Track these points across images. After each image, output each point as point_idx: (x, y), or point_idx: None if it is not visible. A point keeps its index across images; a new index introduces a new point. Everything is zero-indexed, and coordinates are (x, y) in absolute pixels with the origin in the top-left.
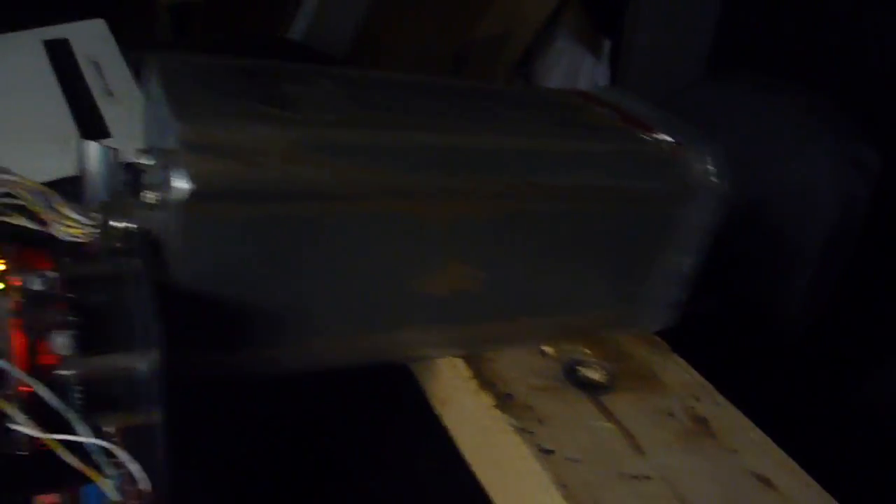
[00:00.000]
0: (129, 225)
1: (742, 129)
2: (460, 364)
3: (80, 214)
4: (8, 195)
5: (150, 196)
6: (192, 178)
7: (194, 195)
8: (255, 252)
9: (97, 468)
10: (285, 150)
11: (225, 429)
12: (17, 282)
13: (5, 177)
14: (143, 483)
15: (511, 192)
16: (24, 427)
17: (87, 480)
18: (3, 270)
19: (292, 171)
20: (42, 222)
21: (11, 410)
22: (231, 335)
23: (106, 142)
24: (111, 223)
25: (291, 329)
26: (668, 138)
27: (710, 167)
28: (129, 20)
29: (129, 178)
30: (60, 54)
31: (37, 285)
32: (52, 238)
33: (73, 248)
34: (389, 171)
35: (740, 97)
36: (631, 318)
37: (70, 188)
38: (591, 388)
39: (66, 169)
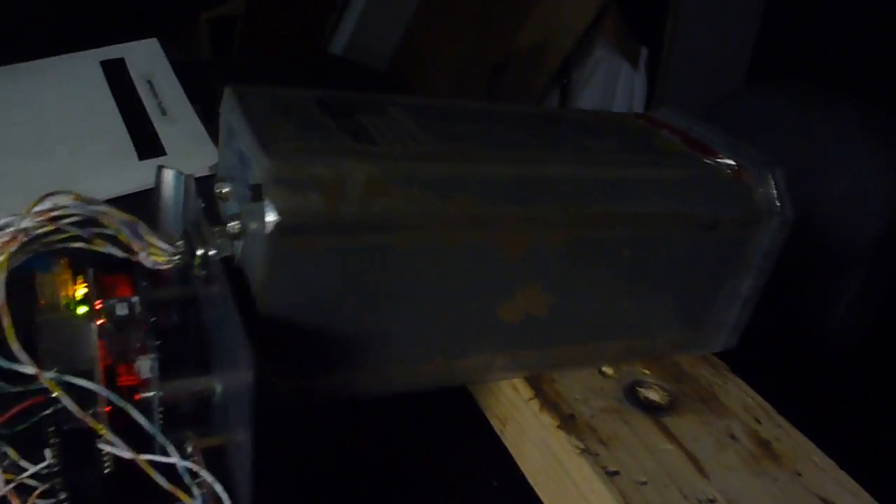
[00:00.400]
0: (212, 252)
1: (788, 139)
2: (521, 385)
3: (164, 242)
4: (96, 224)
5: (232, 226)
6: (280, 211)
7: (281, 228)
8: (337, 281)
9: (184, 488)
10: (368, 183)
11: (292, 448)
12: (99, 306)
13: (96, 207)
14: (226, 502)
15: (584, 221)
16: (116, 447)
17: (172, 500)
18: (86, 294)
19: (375, 204)
20: (129, 250)
21: (104, 431)
22: (312, 361)
23: (161, 160)
24: (197, 251)
25: (370, 355)
26: (732, 162)
27: (774, 191)
28: (168, 35)
29: (206, 206)
30: (116, 74)
31: (121, 310)
32: (128, 264)
33: (149, 274)
34: (468, 203)
35: (785, 105)
36: (694, 341)
37: (127, 205)
38: (651, 410)
39: (125, 187)
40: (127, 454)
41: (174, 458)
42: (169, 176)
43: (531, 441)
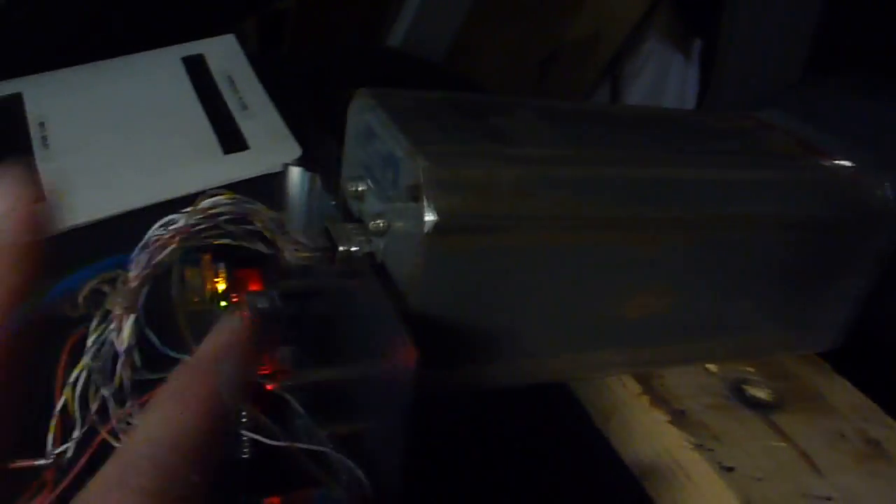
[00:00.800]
0: (354, 249)
1: (855, 130)
2: (628, 380)
3: (306, 239)
4: (245, 221)
5: (376, 224)
6: (438, 212)
7: (438, 228)
8: (481, 278)
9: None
10: (516, 185)
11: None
12: (239, 299)
13: (250, 206)
14: (368, 490)
15: (710, 222)
16: (268, 435)
17: (314, 485)
18: (225, 289)
19: (522, 206)
20: (273, 246)
21: (263, 418)
22: (452, 353)
23: (243, 154)
24: (339, 247)
25: (503, 349)
26: (848, 163)
27: (889, 192)
28: (215, 32)
29: (335, 204)
30: (197, 70)
31: (262, 303)
32: (257, 260)
33: (282, 270)
34: (606, 204)
35: (848, 96)
36: (801, 340)
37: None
38: (760, 407)
39: (211, 181)
40: (281, 442)
41: (326, 447)
42: (295, 174)
43: (639, 435)
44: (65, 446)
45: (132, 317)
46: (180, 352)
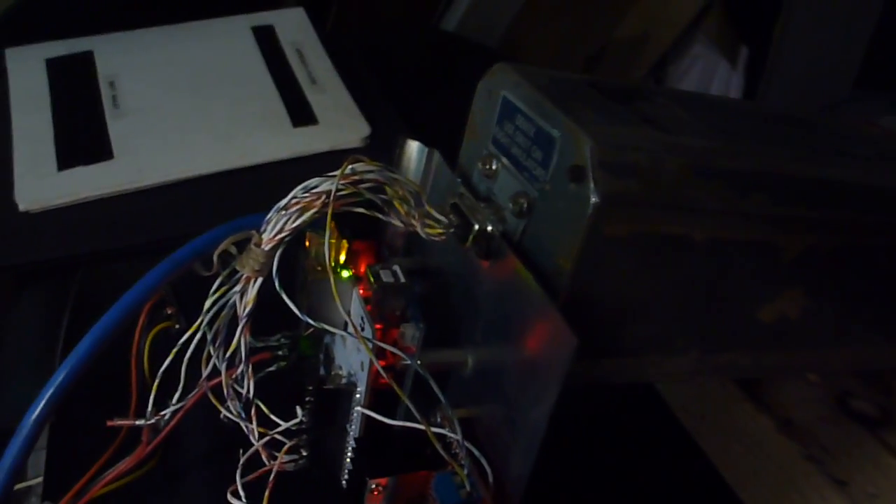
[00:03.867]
0: (489, 228)
1: None
2: (731, 385)
3: (440, 214)
4: (382, 191)
5: (518, 204)
6: (603, 195)
7: (600, 212)
8: (632, 267)
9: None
10: (679, 173)
11: None
12: (360, 272)
13: (391, 174)
14: (490, 476)
15: (860, 227)
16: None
17: (430, 468)
18: (346, 260)
19: (683, 195)
20: (404, 220)
21: (404, 397)
22: (593, 344)
23: (312, 128)
24: (474, 225)
25: (638, 342)
26: None
27: None
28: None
29: (461, 181)
30: (267, 40)
31: (386, 276)
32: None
33: (394, 245)
34: (764, 200)
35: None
36: None
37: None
38: (866, 422)
39: (280, 152)
40: (420, 425)
41: (456, 433)
42: (413, 148)
43: (739, 442)
44: (167, 410)
45: (259, 280)
46: (299, 321)
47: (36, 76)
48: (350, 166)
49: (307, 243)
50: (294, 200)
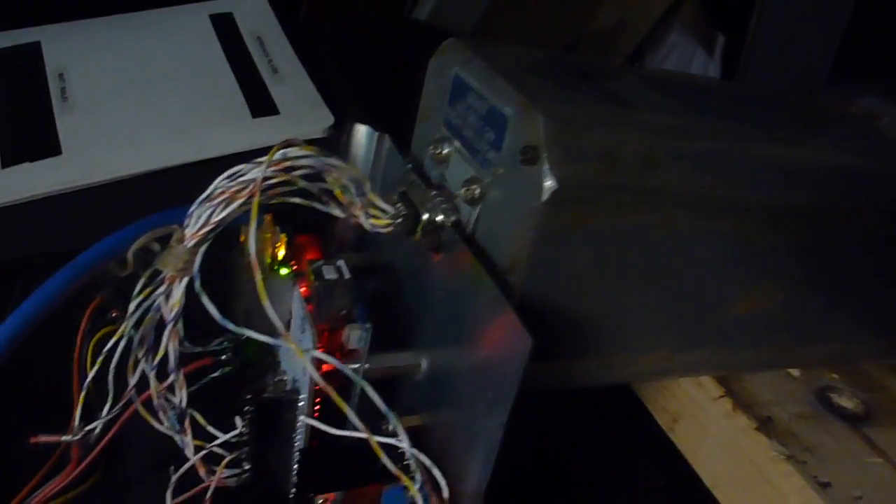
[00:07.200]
0: (439, 218)
1: None
2: (708, 382)
3: (386, 204)
4: (319, 179)
5: (470, 190)
6: (559, 178)
7: (556, 197)
8: (592, 260)
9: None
10: (644, 154)
11: None
12: (302, 268)
13: (330, 161)
14: (445, 490)
15: (838, 212)
16: (353, 428)
17: (379, 482)
18: (286, 256)
19: (648, 178)
20: (345, 210)
21: (346, 409)
22: (550, 344)
23: (273, 119)
24: (422, 216)
25: (602, 342)
26: None
27: None
28: None
29: (410, 168)
30: (226, 29)
31: (328, 273)
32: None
33: (342, 239)
34: (736, 184)
35: (876, 102)
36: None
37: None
38: (848, 419)
39: (239, 145)
40: (362, 434)
41: (404, 444)
42: (361, 133)
43: (716, 441)
44: (94, 423)
45: (185, 280)
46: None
47: None
48: (280, 151)
49: (241, 238)
50: (219, 190)
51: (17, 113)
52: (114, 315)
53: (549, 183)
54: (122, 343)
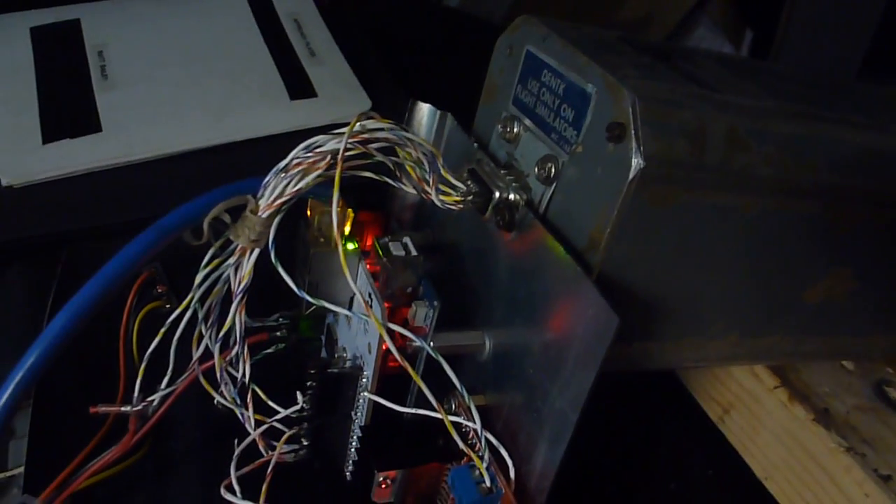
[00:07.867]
0: (512, 197)
1: None
2: (763, 372)
3: (458, 181)
4: (394, 153)
5: (545, 169)
6: (647, 157)
7: (644, 175)
8: (673, 241)
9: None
10: (730, 135)
11: None
12: (368, 245)
13: (406, 134)
14: (511, 470)
15: None
16: (418, 406)
17: (445, 461)
18: (351, 232)
19: (735, 160)
20: (418, 187)
21: (420, 383)
22: (635, 326)
23: (311, 101)
24: (494, 194)
25: (675, 325)
26: None
27: None
28: None
29: (477, 147)
30: (263, 10)
31: (396, 249)
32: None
33: (401, 216)
34: (820, 168)
35: None
36: None
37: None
38: None
39: (277, 126)
40: (437, 413)
41: (475, 423)
42: (423, 111)
43: (771, 432)
44: (154, 395)
45: (255, 252)
46: (299, 300)
47: (20, 45)
48: (359, 122)
49: (308, 212)
50: (296, 161)
51: (57, 90)
52: (159, 290)
53: (636, 161)
54: (188, 314)
